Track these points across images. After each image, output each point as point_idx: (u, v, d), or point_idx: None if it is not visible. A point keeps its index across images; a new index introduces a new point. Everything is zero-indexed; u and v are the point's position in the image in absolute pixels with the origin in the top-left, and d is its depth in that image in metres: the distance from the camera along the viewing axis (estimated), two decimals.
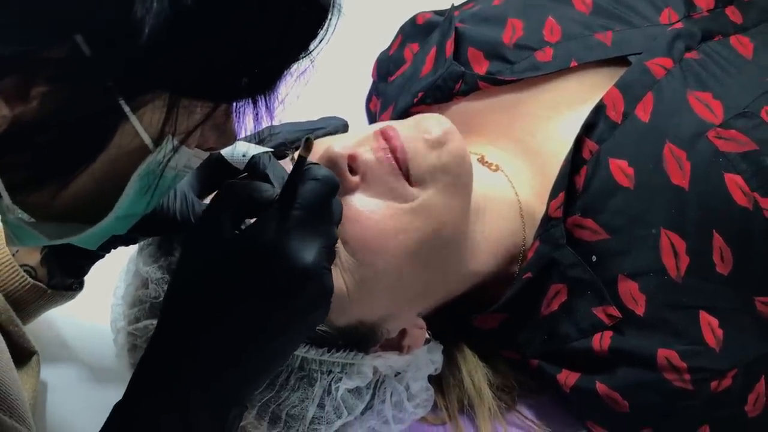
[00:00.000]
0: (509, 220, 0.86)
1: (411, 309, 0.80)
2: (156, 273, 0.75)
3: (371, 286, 0.75)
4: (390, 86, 1.05)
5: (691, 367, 0.76)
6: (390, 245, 0.74)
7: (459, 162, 0.77)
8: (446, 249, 0.78)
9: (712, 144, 0.78)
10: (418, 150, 0.76)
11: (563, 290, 0.82)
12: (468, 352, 0.87)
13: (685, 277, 0.77)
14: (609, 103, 0.83)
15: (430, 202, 0.76)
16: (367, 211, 0.74)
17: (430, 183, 0.76)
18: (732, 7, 0.89)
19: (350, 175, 0.74)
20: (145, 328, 0.75)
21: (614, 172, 0.81)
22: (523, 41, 0.92)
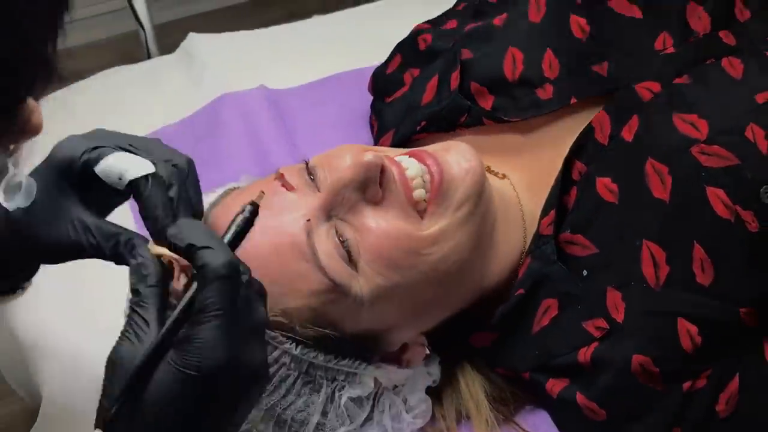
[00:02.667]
0: (515, 233, 0.88)
1: (416, 325, 0.82)
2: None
3: (383, 296, 0.77)
4: (388, 108, 1.07)
5: (665, 372, 0.77)
6: (402, 264, 0.77)
7: (479, 194, 0.80)
8: (457, 270, 0.80)
9: (695, 159, 0.79)
10: (452, 182, 0.79)
11: (554, 305, 0.83)
12: (466, 364, 0.88)
13: (664, 285, 0.78)
14: (597, 125, 0.85)
15: (444, 232, 0.79)
16: (385, 227, 0.77)
17: (448, 214, 0.79)
18: (726, 31, 0.90)
19: (378, 187, 0.77)
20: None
21: (600, 189, 0.83)
22: (525, 76, 0.93)
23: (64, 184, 0.65)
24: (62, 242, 0.65)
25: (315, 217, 0.76)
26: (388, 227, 0.76)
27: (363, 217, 0.77)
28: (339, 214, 0.77)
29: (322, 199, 0.77)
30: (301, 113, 1.19)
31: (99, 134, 0.68)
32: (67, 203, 0.65)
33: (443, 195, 0.79)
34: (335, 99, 1.21)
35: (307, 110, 1.20)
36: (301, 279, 0.75)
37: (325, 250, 0.75)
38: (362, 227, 0.77)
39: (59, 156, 0.66)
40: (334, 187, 0.77)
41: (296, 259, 0.75)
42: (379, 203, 0.78)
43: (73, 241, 0.64)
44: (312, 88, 1.24)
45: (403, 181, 0.79)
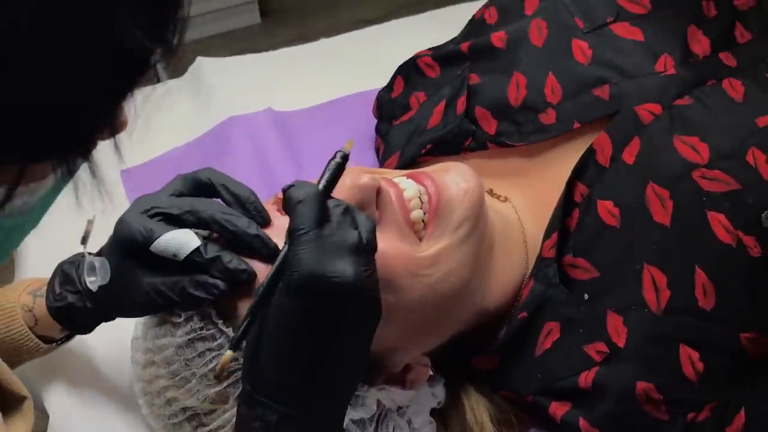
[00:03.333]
0: (517, 255, 0.88)
1: (419, 345, 0.82)
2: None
3: (384, 318, 0.75)
4: (394, 131, 1.07)
5: (668, 400, 0.77)
6: (401, 285, 0.77)
7: (477, 216, 0.81)
8: (457, 293, 0.81)
9: (696, 183, 0.79)
10: (450, 203, 0.79)
11: (556, 328, 0.83)
12: (470, 387, 0.88)
13: (666, 310, 0.78)
14: (598, 147, 0.85)
15: (443, 254, 0.79)
16: (382, 249, 0.76)
17: (447, 235, 0.79)
18: (727, 53, 0.90)
19: (375, 208, 0.78)
20: (163, 346, 0.77)
21: (601, 212, 0.83)
22: (528, 102, 0.94)
23: (128, 257, 0.75)
24: (138, 305, 0.76)
25: None
26: (386, 248, 0.76)
27: None
28: None
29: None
30: (307, 135, 1.20)
31: (142, 202, 0.76)
32: (136, 272, 0.75)
33: (441, 216, 0.79)
34: (342, 121, 1.22)
35: (313, 132, 1.21)
36: None
37: None
38: None
39: (120, 237, 0.75)
40: None
41: None
42: (377, 224, 0.78)
43: (148, 303, 0.75)
44: (319, 111, 1.25)
45: (400, 202, 0.79)
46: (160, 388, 0.79)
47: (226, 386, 0.76)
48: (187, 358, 0.76)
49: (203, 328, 0.75)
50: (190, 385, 0.76)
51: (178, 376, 0.77)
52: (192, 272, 0.74)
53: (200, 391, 0.76)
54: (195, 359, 0.76)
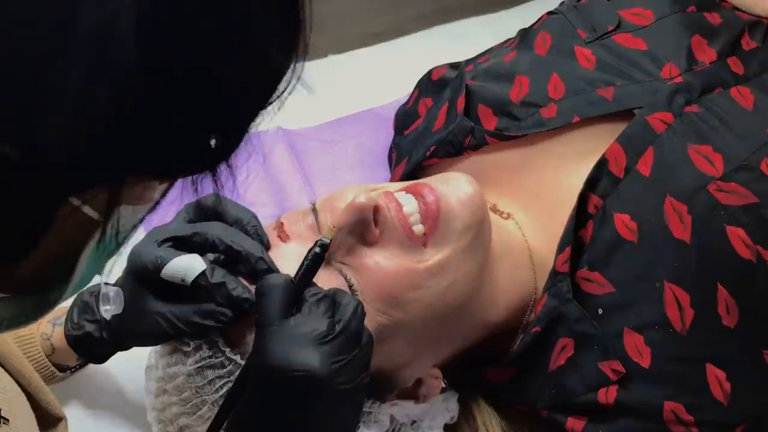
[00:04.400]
0: (521, 269, 0.87)
1: (427, 359, 0.82)
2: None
3: (389, 335, 0.77)
4: (404, 140, 1.08)
5: (699, 421, 0.76)
6: (405, 300, 0.77)
7: (480, 223, 0.80)
8: (462, 304, 0.80)
9: (713, 197, 0.79)
10: (449, 212, 0.79)
11: (570, 344, 0.82)
12: (482, 401, 0.88)
13: (690, 329, 0.77)
14: (611, 158, 0.84)
15: (445, 263, 0.78)
16: (385, 265, 0.77)
17: (449, 243, 0.79)
18: (734, 58, 0.90)
19: (374, 227, 0.77)
20: (174, 374, 0.78)
21: (618, 226, 0.82)
22: (529, 98, 0.94)
23: (140, 286, 0.76)
24: (150, 334, 0.77)
25: None
26: (387, 265, 0.76)
27: (361, 257, 0.77)
28: (337, 257, 0.77)
29: None
30: (317, 154, 1.20)
31: (154, 232, 0.78)
32: (148, 301, 0.76)
33: (442, 224, 0.78)
34: (351, 139, 1.22)
35: (323, 151, 1.20)
36: None
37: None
38: (361, 267, 0.77)
39: (132, 267, 0.77)
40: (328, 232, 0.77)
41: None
42: (377, 242, 0.78)
43: (159, 332, 0.76)
44: (328, 129, 1.24)
45: (400, 216, 0.78)
46: (173, 416, 0.79)
47: None
48: (198, 386, 0.76)
49: (212, 356, 0.76)
50: (201, 411, 0.77)
51: (190, 404, 0.77)
52: (201, 300, 0.74)
53: (211, 417, 0.76)
54: (205, 387, 0.76)
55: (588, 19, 0.97)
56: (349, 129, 1.24)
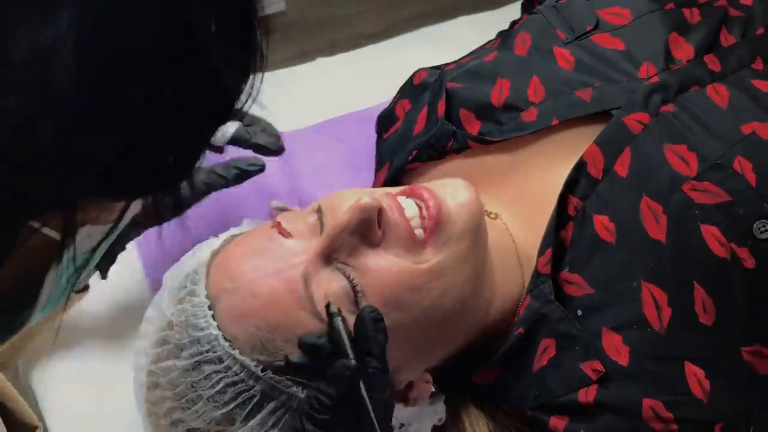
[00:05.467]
0: (511, 270, 0.88)
1: (420, 363, 0.83)
2: (180, 317, 0.79)
3: (389, 337, 0.77)
4: (385, 144, 1.08)
5: (678, 418, 0.77)
6: (405, 302, 0.77)
7: (477, 227, 0.81)
8: (459, 308, 0.81)
9: (687, 196, 0.79)
10: (449, 215, 0.79)
11: (552, 345, 0.83)
12: (470, 402, 0.89)
13: (668, 328, 0.78)
14: (589, 159, 0.85)
15: (444, 265, 0.79)
16: (387, 267, 0.77)
17: (448, 246, 0.79)
18: (711, 55, 0.90)
19: (377, 228, 0.78)
20: (168, 368, 0.78)
21: (597, 228, 0.83)
22: (510, 102, 0.94)
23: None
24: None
25: (313, 263, 0.77)
26: (389, 265, 0.77)
27: (363, 258, 0.78)
28: (339, 257, 0.78)
29: (320, 244, 0.78)
30: (306, 155, 1.20)
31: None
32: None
33: (441, 228, 0.79)
34: (340, 141, 1.22)
35: (312, 153, 1.21)
36: (301, 327, 0.76)
37: (323, 297, 0.76)
38: (363, 268, 0.77)
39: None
40: (331, 232, 0.78)
41: (294, 308, 0.76)
42: (379, 244, 0.79)
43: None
44: (316, 131, 1.25)
45: (403, 218, 0.79)
46: (166, 410, 0.79)
47: (233, 407, 0.76)
48: (194, 381, 0.77)
49: (210, 351, 0.76)
50: (196, 407, 0.77)
51: (184, 398, 0.77)
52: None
53: (207, 413, 0.77)
54: (201, 381, 0.77)
55: (567, 19, 0.97)
56: (338, 131, 1.24)
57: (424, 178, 0.99)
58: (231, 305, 0.77)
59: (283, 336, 0.76)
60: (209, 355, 0.76)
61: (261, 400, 0.77)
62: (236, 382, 0.76)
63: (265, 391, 0.77)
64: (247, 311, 0.76)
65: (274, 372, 0.76)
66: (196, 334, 0.77)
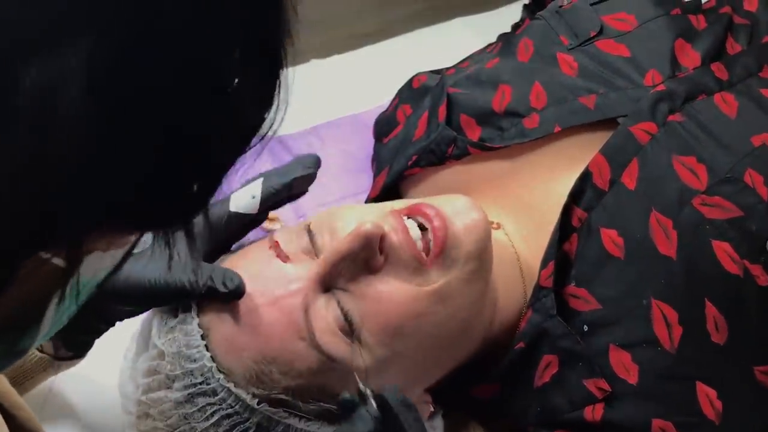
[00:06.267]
0: (513, 283, 0.86)
1: (420, 384, 0.81)
2: (171, 347, 0.76)
3: (387, 366, 0.76)
4: (384, 148, 1.06)
5: None
6: (408, 329, 0.75)
7: (484, 250, 0.78)
8: (462, 328, 0.79)
9: (698, 211, 0.77)
10: (456, 238, 0.76)
11: (554, 361, 0.81)
12: (469, 418, 0.87)
13: (679, 347, 0.76)
14: (595, 170, 0.83)
15: (450, 288, 0.76)
16: (388, 293, 0.75)
17: (455, 268, 0.77)
18: (718, 63, 0.88)
19: (379, 255, 0.75)
20: (159, 400, 0.76)
21: (605, 242, 0.80)
22: (512, 108, 0.92)
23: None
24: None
25: (311, 290, 0.75)
26: (391, 292, 0.75)
27: (364, 285, 0.75)
28: (338, 284, 0.75)
29: (319, 270, 0.75)
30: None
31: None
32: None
33: (447, 250, 0.76)
34: (335, 145, 1.19)
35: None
36: (300, 359, 0.74)
37: (323, 326, 0.74)
38: (363, 296, 0.75)
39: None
40: (331, 259, 0.75)
41: (293, 339, 0.74)
42: (380, 269, 0.76)
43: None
44: (311, 134, 1.22)
45: (408, 240, 0.76)
46: None
47: None
48: (187, 413, 0.75)
49: (203, 383, 0.74)
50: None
51: (177, 430, 0.76)
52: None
53: None
54: (195, 414, 0.75)
55: (570, 24, 0.95)
56: (332, 135, 1.21)
57: (424, 185, 0.97)
58: (226, 336, 0.75)
59: (280, 368, 0.74)
60: (203, 387, 0.74)
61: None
62: (231, 414, 0.74)
63: (261, 423, 0.75)
64: (244, 342, 0.74)
65: (270, 404, 0.74)
66: (189, 366, 0.75)
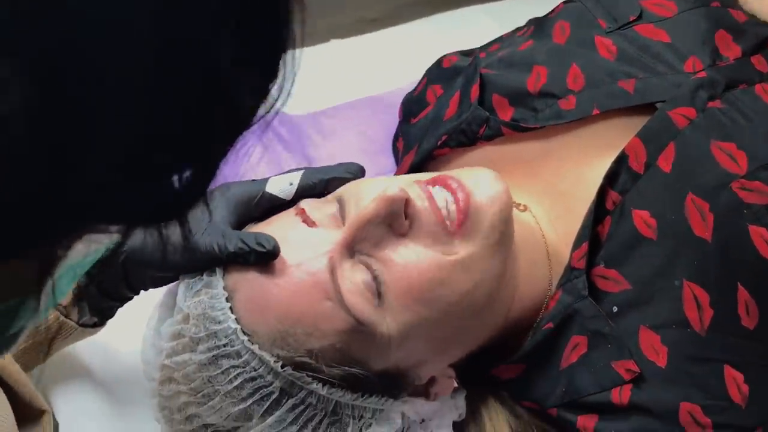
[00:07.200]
0: (539, 264, 0.86)
1: (444, 358, 0.81)
2: (196, 309, 0.76)
3: (412, 332, 0.75)
4: (413, 128, 1.06)
5: (716, 423, 0.75)
6: (432, 296, 0.75)
7: (506, 221, 0.78)
8: (485, 302, 0.79)
9: (736, 195, 0.77)
10: (478, 208, 0.76)
11: (583, 342, 0.81)
12: (490, 398, 0.86)
13: (709, 330, 0.76)
14: (631, 153, 0.83)
15: (473, 258, 0.76)
16: (413, 259, 0.75)
17: (477, 239, 0.77)
18: (759, 56, 0.88)
19: (404, 219, 0.75)
20: (183, 363, 0.76)
21: (637, 223, 0.80)
22: (547, 89, 0.92)
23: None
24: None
25: (338, 253, 0.74)
26: (416, 258, 0.75)
27: (389, 250, 0.75)
28: (364, 249, 0.75)
29: (345, 235, 0.75)
30: (318, 142, 1.17)
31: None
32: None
33: (470, 221, 0.76)
34: (352, 127, 1.19)
35: (324, 138, 1.18)
36: (326, 319, 0.73)
37: (350, 287, 0.73)
38: (389, 261, 0.75)
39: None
40: (357, 223, 0.75)
41: (319, 299, 0.73)
42: (405, 234, 0.76)
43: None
44: (328, 115, 1.22)
45: (433, 206, 0.76)
46: (181, 404, 0.77)
47: (250, 403, 0.74)
48: (211, 376, 0.74)
49: (227, 345, 0.74)
50: (213, 402, 0.75)
51: (200, 393, 0.75)
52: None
53: (224, 408, 0.74)
54: (218, 376, 0.74)
55: (608, 8, 0.95)
56: (349, 116, 1.21)
57: (453, 165, 0.97)
58: (250, 296, 0.75)
59: (305, 329, 0.73)
60: (227, 350, 0.74)
61: (280, 397, 0.74)
62: (255, 377, 0.74)
63: (284, 387, 0.74)
64: (268, 303, 0.74)
65: (294, 368, 0.74)
66: (214, 328, 0.74)
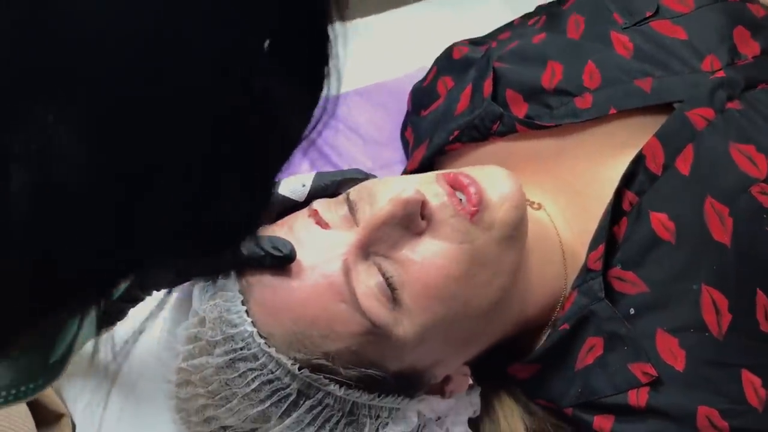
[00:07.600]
0: (553, 264, 0.85)
1: (459, 356, 0.81)
2: (212, 312, 0.76)
3: (428, 333, 0.75)
4: (423, 120, 1.04)
5: (734, 427, 0.75)
6: (448, 293, 0.75)
7: (520, 218, 0.78)
8: (499, 300, 0.79)
9: (756, 200, 0.76)
10: (492, 202, 0.76)
11: (599, 344, 0.81)
12: (504, 395, 0.87)
13: (727, 334, 0.76)
14: (649, 154, 0.82)
15: (486, 251, 0.76)
16: (430, 255, 0.75)
17: (492, 233, 0.76)
18: None
19: (420, 220, 0.75)
20: (200, 366, 0.76)
21: (655, 225, 0.80)
22: (563, 86, 0.90)
23: None
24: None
25: (353, 255, 0.74)
26: (433, 254, 0.75)
27: (407, 249, 0.75)
28: (379, 251, 0.75)
29: (359, 237, 0.75)
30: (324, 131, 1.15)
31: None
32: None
33: (484, 213, 0.76)
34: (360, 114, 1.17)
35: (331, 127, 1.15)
36: (341, 322, 0.73)
37: (365, 290, 0.73)
38: (405, 261, 0.75)
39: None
40: (372, 225, 0.74)
41: (334, 301, 0.73)
42: (422, 234, 0.76)
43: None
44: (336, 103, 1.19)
45: (451, 198, 0.76)
46: (198, 407, 0.77)
47: (268, 405, 0.74)
48: (228, 379, 0.74)
49: (244, 348, 0.74)
50: (230, 405, 0.75)
51: (218, 396, 0.75)
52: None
53: (241, 411, 0.75)
54: (236, 379, 0.74)
55: (625, 3, 0.93)
56: (357, 103, 1.19)
57: (464, 161, 0.96)
58: (265, 299, 0.75)
59: (320, 332, 0.73)
60: (244, 353, 0.74)
61: (297, 399, 0.75)
62: (272, 380, 0.74)
63: (301, 389, 0.74)
64: (284, 305, 0.74)
65: (310, 370, 0.74)
66: (230, 331, 0.74)
